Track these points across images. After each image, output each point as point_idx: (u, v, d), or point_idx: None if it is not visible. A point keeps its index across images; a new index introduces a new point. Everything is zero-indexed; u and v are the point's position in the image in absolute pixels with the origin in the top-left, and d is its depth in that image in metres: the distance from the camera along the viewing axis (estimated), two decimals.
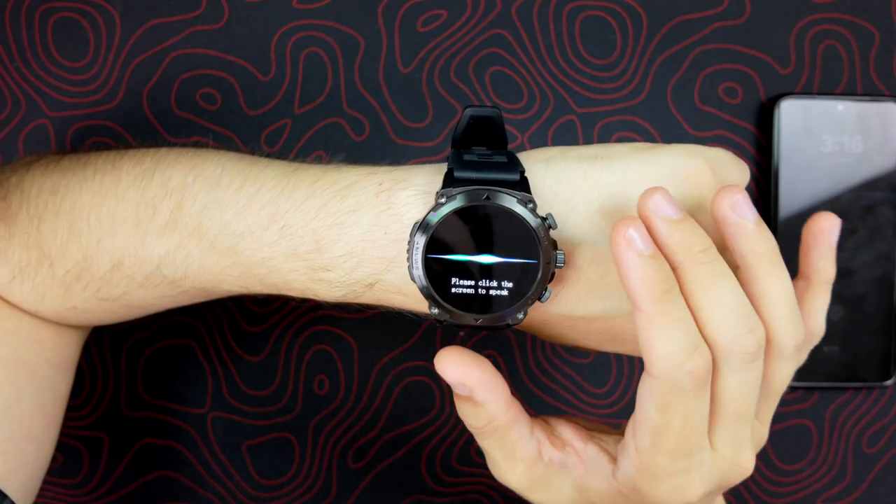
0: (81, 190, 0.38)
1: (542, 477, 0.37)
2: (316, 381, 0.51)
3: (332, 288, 0.36)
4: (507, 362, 0.51)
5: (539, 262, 0.34)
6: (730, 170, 0.38)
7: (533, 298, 0.34)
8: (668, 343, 0.32)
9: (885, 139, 0.51)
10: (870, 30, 0.51)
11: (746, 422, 0.35)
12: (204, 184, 0.37)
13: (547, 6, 0.51)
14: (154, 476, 0.51)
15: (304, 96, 0.50)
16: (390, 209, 0.35)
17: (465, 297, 0.34)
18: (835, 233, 0.37)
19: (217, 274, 0.37)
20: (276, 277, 0.37)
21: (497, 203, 0.34)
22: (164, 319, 0.51)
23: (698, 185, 0.36)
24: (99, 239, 0.37)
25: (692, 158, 0.36)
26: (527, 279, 0.34)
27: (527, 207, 0.34)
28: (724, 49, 0.51)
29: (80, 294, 0.39)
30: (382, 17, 0.50)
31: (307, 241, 0.35)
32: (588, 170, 0.35)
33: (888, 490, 0.53)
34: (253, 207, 0.36)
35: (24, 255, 0.38)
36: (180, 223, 0.37)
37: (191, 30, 0.50)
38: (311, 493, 0.52)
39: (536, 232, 0.34)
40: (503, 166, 0.35)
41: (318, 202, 0.36)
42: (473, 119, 0.36)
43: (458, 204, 0.34)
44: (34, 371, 0.40)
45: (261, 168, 0.37)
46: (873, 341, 0.51)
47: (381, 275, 0.35)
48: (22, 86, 0.50)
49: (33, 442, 0.39)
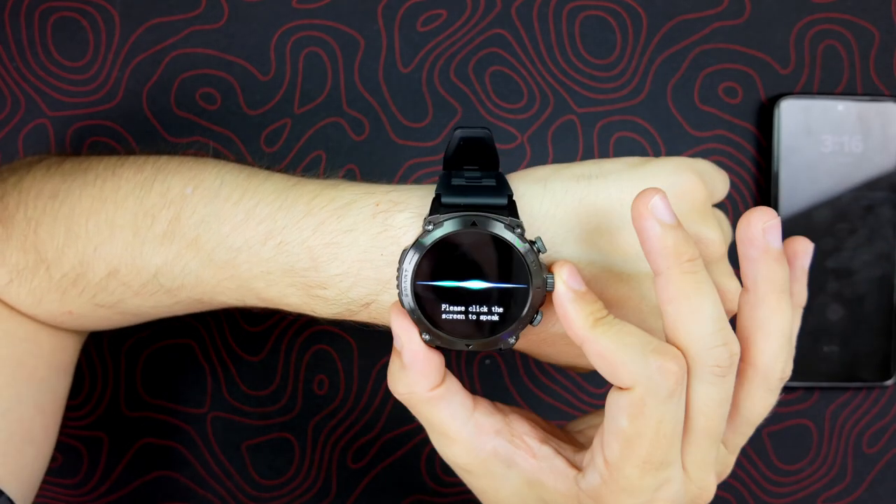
0: (81, 195, 0.38)
1: (483, 463, 0.36)
2: (316, 381, 0.51)
3: (328, 305, 0.36)
4: (507, 362, 0.51)
5: (529, 287, 0.34)
6: (716, 181, 0.38)
7: (524, 323, 0.34)
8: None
9: (885, 139, 0.51)
10: (870, 30, 0.51)
11: (714, 442, 0.35)
12: (203, 195, 0.37)
13: (547, 6, 0.51)
14: (154, 476, 0.51)
15: (304, 96, 0.50)
16: (387, 231, 0.35)
17: (456, 324, 0.34)
18: (807, 257, 0.37)
19: (214, 286, 0.37)
20: (273, 292, 0.37)
21: (484, 229, 0.34)
22: (164, 320, 0.50)
23: (692, 200, 0.36)
24: (96, 245, 0.37)
25: (684, 173, 0.36)
26: (517, 304, 0.34)
27: (514, 233, 0.34)
28: (724, 49, 0.51)
29: (77, 299, 0.39)
30: (382, 17, 0.50)
31: (304, 258, 0.35)
32: (583, 189, 0.36)
33: (888, 490, 0.53)
34: (251, 222, 0.36)
35: (21, 258, 0.38)
36: (178, 234, 0.37)
37: (190, 29, 0.50)
38: (311, 493, 0.52)
39: (525, 257, 0.34)
40: (491, 190, 0.35)
41: (316, 220, 0.36)
42: (463, 140, 0.36)
43: (445, 231, 0.34)
44: (33, 373, 0.40)
45: (260, 181, 0.37)
46: (873, 341, 0.51)
47: (377, 295, 0.36)
48: (22, 85, 0.50)
49: (32, 443, 0.39)
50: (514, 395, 0.52)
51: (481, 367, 0.51)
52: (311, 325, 0.51)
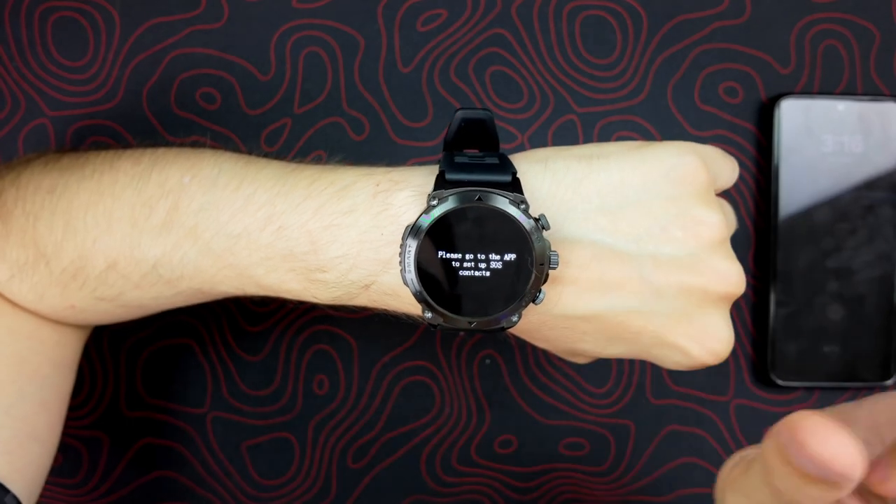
0: (79, 189, 0.38)
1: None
2: (316, 381, 0.51)
3: (328, 289, 0.36)
4: (507, 362, 0.51)
5: (532, 263, 0.33)
6: (721, 165, 0.38)
7: (527, 300, 0.34)
8: None
9: (886, 139, 0.50)
10: (870, 30, 0.51)
11: None
12: (201, 184, 0.37)
13: (547, 6, 0.51)
14: (154, 476, 0.51)
15: (304, 96, 0.50)
16: (387, 210, 0.35)
17: (458, 301, 0.34)
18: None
19: (213, 275, 0.37)
20: (272, 279, 0.37)
21: (489, 204, 0.33)
22: (163, 319, 0.51)
23: (694, 183, 0.36)
24: (95, 238, 0.37)
25: (686, 156, 0.36)
26: (520, 281, 0.34)
27: (519, 208, 0.34)
28: (724, 49, 0.51)
29: (77, 293, 0.39)
30: (382, 17, 0.50)
31: (303, 242, 0.35)
32: (586, 170, 0.35)
33: None
34: (250, 208, 0.36)
35: (21, 253, 0.38)
36: (176, 223, 0.36)
37: (190, 29, 0.50)
38: (310, 493, 0.52)
39: (529, 233, 0.33)
40: (494, 168, 0.35)
41: (315, 203, 0.35)
42: (465, 122, 0.36)
43: (449, 206, 0.33)
44: (36, 370, 0.40)
45: (258, 168, 0.37)
46: (873, 341, 0.51)
47: (377, 276, 0.35)
48: (22, 85, 0.50)
49: (37, 440, 0.39)
50: (515, 395, 0.52)
51: (481, 366, 0.51)
52: (311, 325, 0.51)
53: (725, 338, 0.37)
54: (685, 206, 0.35)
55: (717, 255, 0.36)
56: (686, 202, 0.35)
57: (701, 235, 0.35)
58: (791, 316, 0.51)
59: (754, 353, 0.52)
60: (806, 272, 0.51)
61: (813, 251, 0.51)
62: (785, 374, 0.51)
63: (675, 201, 0.35)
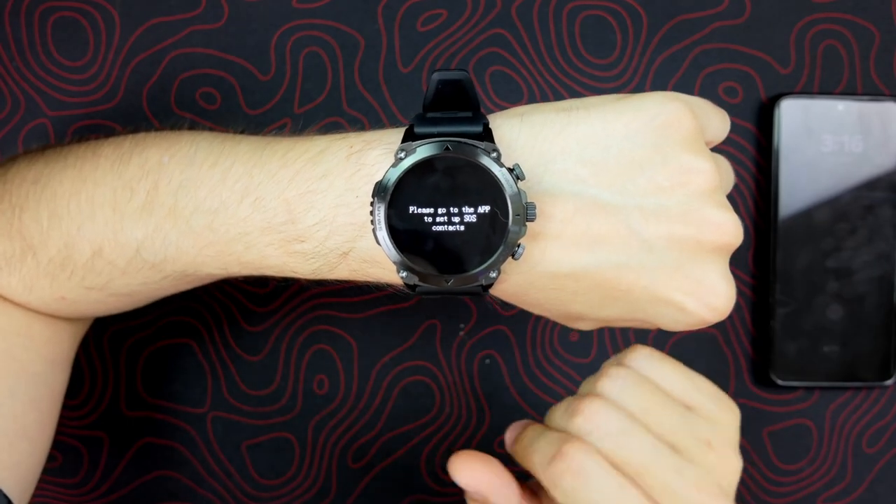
0: (62, 178, 0.38)
1: None
2: (316, 381, 0.51)
3: (307, 260, 0.35)
4: (507, 362, 0.51)
5: (507, 214, 0.32)
6: (710, 115, 0.36)
7: (504, 254, 0.33)
8: None
9: (886, 139, 0.50)
10: (870, 29, 0.51)
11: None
12: (179, 162, 0.37)
13: (547, 6, 0.51)
14: (154, 476, 0.51)
15: (304, 96, 0.50)
16: (360, 170, 0.34)
17: (433, 257, 0.33)
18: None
19: (195, 256, 0.37)
20: (252, 254, 0.36)
21: (459, 154, 0.32)
22: (163, 319, 0.51)
23: (679, 129, 0.34)
24: (79, 225, 0.37)
25: (671, 102, 0.34)
26: (496, 234, 0.32)
27: (490, 157, 0.32)
28: (724, 49, 0.51)
29: (66, 283, 0.38)
30: (382, 17, 0.50)
31: (280, 212, 0.35)
32: (564, 121, 0.34)
33: (888, 490, 0.53)
34: (227, 182, 0.36)
35: (8, 246, 0.38)
36: (157, 203, 0.36)
37: (190, 29, 0.50)
38: (310, 493, 0.52)
39: (502, 183, 0.32)
40: (465, 120, 0.34)
41: (291, 171, 0.35)
42: (441, 83, 0.34)
43: (417, 157, 0.32)
44: (26, 367, 0.40)
45: (235, 143, 0.37)
46: (873, 341, 0.51)
47: (354, 242, 0.34)
48: (22, 85, 0.50)
49: (27, 439, 0.39)
50: (515, 395, 0.52)
51: (481, 366, 0.51)
52: (311, 325, 0.51)
53: (724, 291, 0.35)
54: (671, 154, 0.33)
55: (709, 204, 0.34)
56: (672, 149, 0.34)
57: (689, 184, 0.34)
58: (791, 316, 0.51)
59: (754, 353, 0.52)
60: (806, 272, 0.51)
61: (813, 251, 0.51)
62: (785, 374, 0.51)
63: (659, 149, 0.34)
